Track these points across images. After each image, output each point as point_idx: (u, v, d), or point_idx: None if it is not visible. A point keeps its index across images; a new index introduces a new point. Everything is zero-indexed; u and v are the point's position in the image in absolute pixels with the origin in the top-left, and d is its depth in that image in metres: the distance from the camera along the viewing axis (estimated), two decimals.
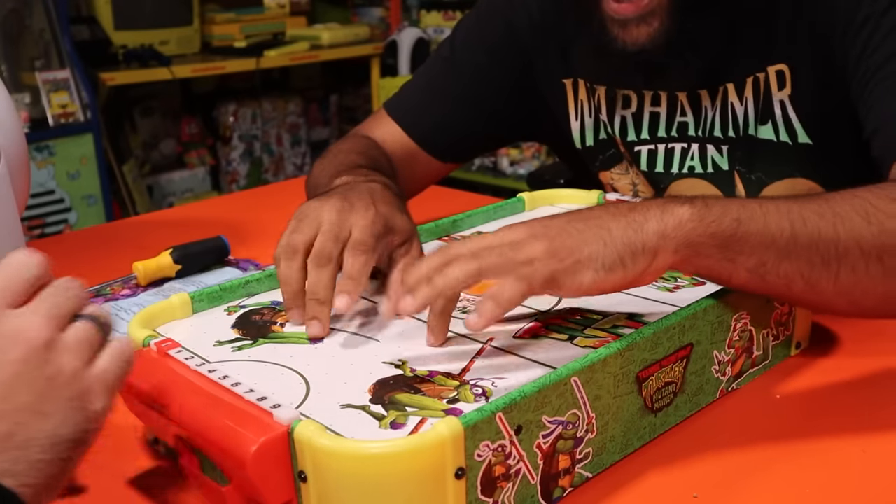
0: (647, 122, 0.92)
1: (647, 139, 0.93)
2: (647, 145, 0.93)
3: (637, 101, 0.92)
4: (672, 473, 0.57)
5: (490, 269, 0.56)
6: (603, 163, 0.98)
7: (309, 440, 0.46)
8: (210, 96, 3.52)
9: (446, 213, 0.87)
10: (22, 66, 2.66)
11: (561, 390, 0.51)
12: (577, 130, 0.98)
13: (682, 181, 0.92)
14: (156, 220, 1.32)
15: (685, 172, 0.91)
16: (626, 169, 0.97)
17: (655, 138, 0.92)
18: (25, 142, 0.94)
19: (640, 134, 0.93)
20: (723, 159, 0.89)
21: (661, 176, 0.93)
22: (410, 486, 0.46)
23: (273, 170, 3.62)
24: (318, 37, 3.39)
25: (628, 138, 0.94)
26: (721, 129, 0.88)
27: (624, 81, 0.92)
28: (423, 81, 1.03)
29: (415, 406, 0.52)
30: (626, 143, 0.94)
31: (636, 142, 0.93)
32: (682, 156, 0.91)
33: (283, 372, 0.57)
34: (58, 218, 2.62)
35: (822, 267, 0.59)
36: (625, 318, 0.63)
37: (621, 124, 0.94)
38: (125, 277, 0.95)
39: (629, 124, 0.93)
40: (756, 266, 0.59)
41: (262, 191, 1.50)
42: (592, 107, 0.96)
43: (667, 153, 0.92)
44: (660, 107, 0.91)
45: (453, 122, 1.00)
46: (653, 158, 0.93)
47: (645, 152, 0.93)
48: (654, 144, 0.92)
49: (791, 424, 0.62)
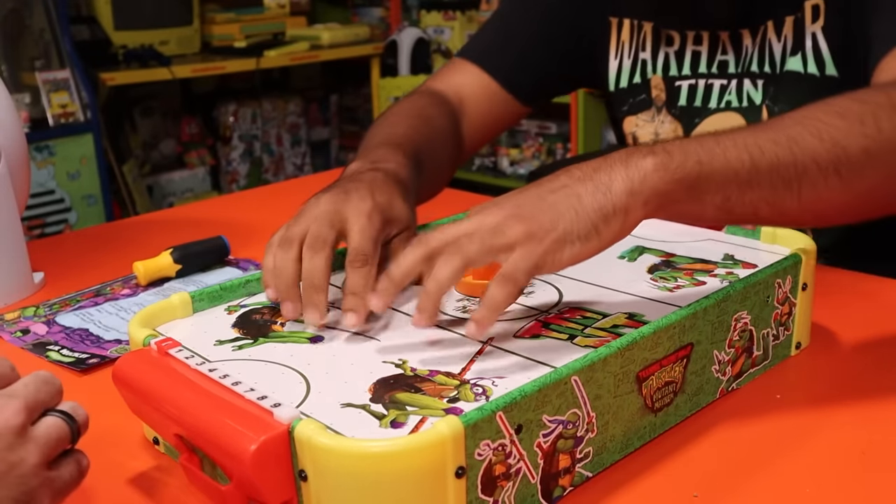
0: (689, 60, 0.97)
1: (688, 75, 0.97)
2: (688, 80, 0.97)
3: (680, 40, 0.97)
4: (672, 473, 0.57)
5: (474, 261, 0.57)
6: (632, 107, 1.02)
7: (309, 439, 0.46)
8: (210, 96, 3.52)
9: (446, 213, 0.87)
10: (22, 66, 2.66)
11: (561, 390, 0.51)
12: (615, 71, 1.02)
13: (717, 115, 0.96)
14: (156, 220, 1.32)
15: (722, 107, 0.96)
16: (652, 116, 1.01)
17: (696, 74, 0.97)
18: (25, 142, 0.94)
19: (681, 70, 0.97)
20: (757, 93, 0.93)
21: (698, 110, 0.97)
22: (411, 485, 0.46)
23: (273, 170, 3.62)
24: (318, 37, 3.40)
25: (670, 73, 0.98)
26: (758, 64, 0.92)
27: (669, 21, 0.97)
28: (498, 24, 1.07)
29: (415, 405, 0.52)
30: (667, 78, 0.98)
31: (677, 77, 0.98)
32: (720, 91, 0.95)
33: (284, 371, 0.57)
34: (58, 218, 2.62)
35: (784, 189, 0.61)
36: (625, 318, 0.63)
37: (664, 61, 0.99)
38: (125, 277, 0.95)
39: (672, 61, 0.98)
40: (722, 201, 0.61)
41: (262, 191, 1.50)
42: (634, 46, 1.00)
43: (706, 89, 0.96)
44: (701, 45, 0.96)
45: (532, 61, 1.04)
46: (692, 93, 0.97)
47: (685, 87, 0.98)
48: (695, 80, 0.97)
49: (791, 424, 0.62)
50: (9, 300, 0.91)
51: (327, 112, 3.98)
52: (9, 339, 0.81)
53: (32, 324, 0.84)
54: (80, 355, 0.76)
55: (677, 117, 0.99)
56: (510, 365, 0.57)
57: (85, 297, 0.90)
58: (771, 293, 0.67)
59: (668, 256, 0.75)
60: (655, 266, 0.73)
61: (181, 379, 0.54)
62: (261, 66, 3.20)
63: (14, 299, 0.91)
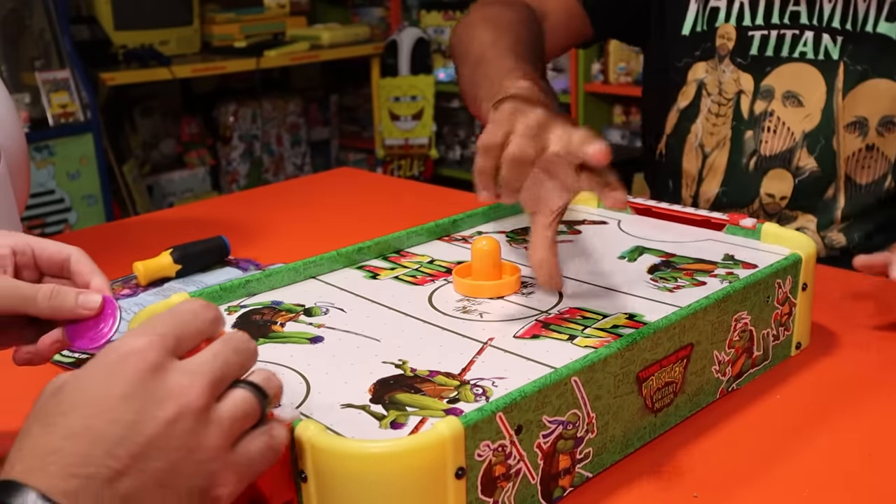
0: (763, 9, 1.00)
1: (761, 25, 1.00)
2: (761, 31, 1.00)
3: None
4: (672, 473, 0.57)
5: None
6: (703, 53, 1.04)
7: (309, 440, 0.46)
8: (210, 96, 3.52)
9: (446, 213, 0.87)
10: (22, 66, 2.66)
11: (561, 390, 0.51)
12: (693, 14, 1.04)
13: (788, 65, 0.99)
14: (156, 220, 1.32)
15: (796, 57, 0.98)
16: (715, 65, 1.03)
17: (769, 24, 1.00)
18: (26, 142, 0.94)
19: (755, 19, 1.00)
20: (835, 49, 0.96)
21: (770, 60, 1.00)
22: (411, 486, 0.46)
23: (273, 170, 3.62)
24: (318, 37, 3.39)
25: (744, 23, 1.01)
26: (840, 21, 0.95)
27: None
28: None
29: (415, 406, 0.52)
30: (739, 28, 1.01)
31: (750, 27, 1.01)
32: (792, 42, 0.99)
33: (284, 371, 0.57)
34: (58, 218, 2.62)
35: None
36: (625, 318, 0.63)
37: (739, 9, 1.01)
38: (125, 277, 0.95)
39: (746, 9, 1.01)
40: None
41: (262, 191, 1.50)
42: None
43: (778, 39, 0.99)
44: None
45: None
46: (764, 43, 1.00)
47: (758, 37, 1.00)
48: (767, 30, 1.00)
49: (791, 424, 0.62)
50: None
51: (327, 112, 3.99)
52: None
53: None
54: (80, 355, 0.76)
55: (745, 67, 1.01)
56: (510, 365, 0.57)
57: None
58: (771, 293, 0.67)
59: (668, 257, 0.75)
60: (655, 266, 0.73)
61: None
62: (261, 66, 3.20)
63: None
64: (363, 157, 3.97)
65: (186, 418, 0.40)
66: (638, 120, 3.28)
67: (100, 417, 0.39)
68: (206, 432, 0.41)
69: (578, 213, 0.89)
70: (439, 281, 0.72)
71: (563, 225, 0.85)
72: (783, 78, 1.00)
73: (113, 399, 0.40)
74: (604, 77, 3.19)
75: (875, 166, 0.98)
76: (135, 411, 0.40)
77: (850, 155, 0.98)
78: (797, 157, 0.99)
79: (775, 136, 1.00)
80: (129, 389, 0.40)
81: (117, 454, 0.39)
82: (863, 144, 0.97)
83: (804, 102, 0.98)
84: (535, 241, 0.63)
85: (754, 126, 1.02)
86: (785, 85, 0.99)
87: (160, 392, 0.40)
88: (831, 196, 1.00)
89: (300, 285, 0.73)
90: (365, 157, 3.95)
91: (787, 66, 0.99)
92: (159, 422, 0.40)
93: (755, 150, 1.02)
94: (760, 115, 1.01)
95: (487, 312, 0.65)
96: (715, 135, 1.05)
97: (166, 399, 0.40)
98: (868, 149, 0.97)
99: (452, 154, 3.91)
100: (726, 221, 0.79)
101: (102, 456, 0.38)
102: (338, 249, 0.76)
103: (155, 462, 0.39)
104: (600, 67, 3.20)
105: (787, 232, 0.75)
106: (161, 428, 0.40)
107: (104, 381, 0.41)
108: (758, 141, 1.02)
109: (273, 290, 0.72)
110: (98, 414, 0.39)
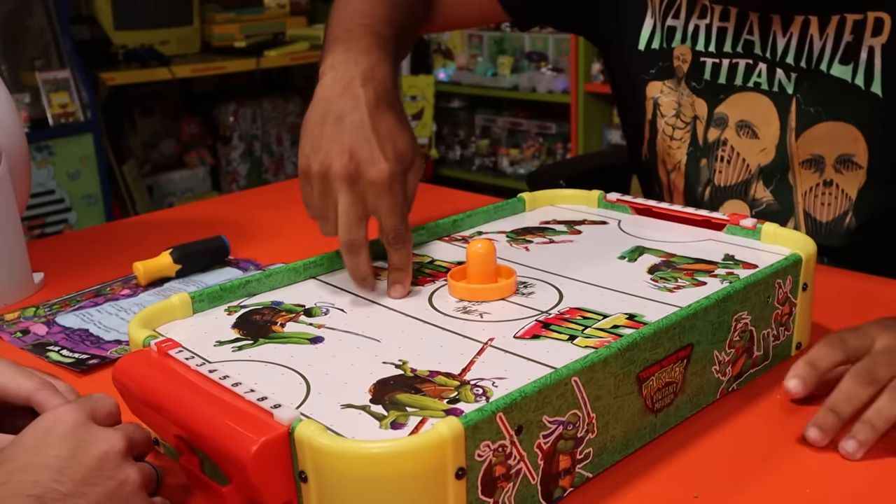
0: (716, 36, 0.95)
1: (713, 52, 0.96)
2: (713, 58, 0.96)
3: (710, 13, 0.95)
4: (672, 474, 0.57)
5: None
6: (659, 72, 1.00)
7: (309, 440, 0.46)
8: (210, 96, 3.52)
9: (446, 213, 0.87)
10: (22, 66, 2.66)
11: (561, 390, 0.51)
12: (648, 30, 1.00)
13: (743, 94, 0.95)
14: (156, 220, 1.32)
15: (750, 86, 0.94)
16: (675, 85, 0.99)
17: (721, 53, 0.95)
18: (26, 141, 0.94)
19: (707, 45, 0.96)
20: (789, 84, 0.91)
21: (723, 87, 0.96)
22: (411, 486, 0.46)
23: (273, 170, 3.62)
24: (318, 37, 3.40)
25: (697, 47, 0.96)
26: (794, 58, 0.90)
27: None
28: None
29: (415, 406, 0.52)
30: (694, 51, 0.97)
31: (703, 52, 0.96)
32: (746, 71, 0.94)
33: (284, 372, 0.57)
34: (58, 218, 2.62)
35: None
36: (625, 319, 0.63)
37: (694, 32, 0.97)
38: (125, 277, 0.95)
39: (700, 33, 0.96)
40: None
41: (262, 191, 1.50)
42: (663, 10, 0.99)
43: (731, 67, 0.95)
44: (728, 22, 0.94)
45: None
46: (716, 70, 0.96)
47: (709, 64, 0.96)
48: (719, 59, 0.95)
49: (791, 425, 0.62)
50: (9, 300, 0.91)
51: None
52: (9, 340, 0.81)
53: (32, 324, 0.84)
54: (80, 356, 0.76)
55: (699, 92, 0.97)
56: (510, 366, 0.57)
57: (85, 297, 0.90)
58: (771, 293, 0.67)
59: (668, 257, 0.75)
60: (655, 266, 0.73)
61: (181, 380, 0.54)
62: (261, 66, 3.20)
63: (14, 299, 0.91)
64: None
65: (114, 456, 0.49)
66: None
67: (41, 455, 0.47)
68: (130, 470, 0.49)
69: (579, 213, 0.89)
70: (439, 281, 0.72)
71: (564, 225, 0.85)
72: (737, 107, 0.95)
73: (52, 441, 0.48)
74: (604, 77, 3.19)
75: (835, 203, 0.92)
76: (70, 448, 0.48)
77: (807, 190, 0.93)
78: (753, 190, 0.96)
79: (729, 166, 0.96)
80: (64, 431, 0.48)
81: (62, 480, 0.46)
82: (820, 180, 0.92)
83: (759, 134, 0.94)
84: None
85: (708, 154, 0.98)
86: (739, 114, 0.95)
87: (90, 436, 0.49)
88: None
89: (300, 285, 0.73)
90: None
91: (740, 95, 0.95)
92: (92, 456, 0.48)
93: (709, 179, 0.98)
94: (713, 144, 0.97)
95: (488, 313, 0.65)
96: (671, 157, 1.01)
97: (94, 441, 0.49)
98: (826, 184, 0.92)
99: (452, 154, 3.91)
100: (727, 221, 0.79)
101: (49, 481, 0.46)
102: (338, 249, 0.76)
103: (93, 487, 0.47)
104: (600, 67, 3.20)
105: (788, 232, 0.75)
106: (95, 461, 0.48)
107: (40, 432, 0.48)
108: (711, 170, 0.98)
109: (273, 291, 0.72)
110: (39, 452, 0.47)
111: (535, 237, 0.82)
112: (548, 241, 0.81)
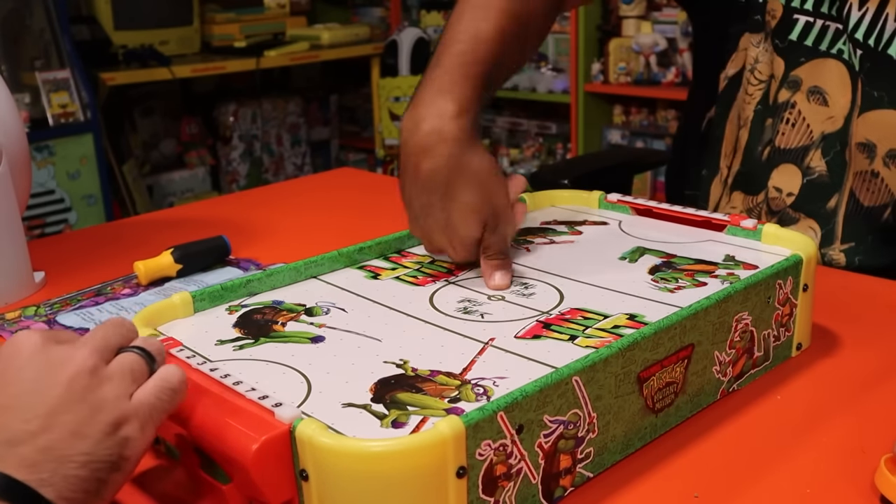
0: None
1: (809, 10, 0.93)
2: (807, 16, 0.94)
3: None
4: (672, 473, 0.57)
5: None
6: (752, 25, 0.99)
7: (310, 439, 0.46)
8: (210, 96, 3.52)
9: None
10: (22, 66, 2.66)
11: (562, 390, 0.51)
12: None
13: (825, 60, 0.93)
14: (156, 220, 1.32)
15: (833, 53, 0.92)
16: (759, 41, 0.98)
17: (818, 12, 0.93)
18: (26, 141, 0.94)
19: (804, 2, 0.94)
20: (855, 60, 0.90)
21: (806, 50, 0.94)
22: (412, 485, 0.46)
23: (273, 170, 3.62)
24: (318, 37, 3.40)
25: (792, 3, 0.94)
26: (864, 34, 0.89)
27: None
28: None
29: (416, 405, 0.52)
30: (787, 7, 0.95)
31: (798, 9, 0.94)
32: (834, 36, 0.92)
33: (285, 371, 0.57)
34: (58, 218, 2.62)
35: None
36: (626, 319, 0.63)
37: None
38: (126, 277, 0.95)
39: None
40: None
41: (262, 191, 1.50)
42: None
43: (821, 29, 0.93)
44: None
45: None
46: (807, 31, 0.94)
47: (801, 23, 0.94)
48: (814, 18, 0.93)
49: (791, 425, 0.62)
50: (9, 300, 0.91)
51: (327, 112, 3.99)
52: None
53: (33, 323, 0.84)
54: None
55: (781, 51, 0.95)
56: (511, 365, 0.57)
57: (85, 296, 0.90)
58: (772, 294, 0.67)
59: (668, 257, 0.75)
60: (656, 267, 0.73)
61: None
62: (261, 66, 3.20)
63: (15, 299, 0.91)
64: (363, 157, 3.97)
65: (81, 377, 0.46)
66: (638, 120, 3.28)
67: (3, 393, 0.45)
68: (101, 388, 0.46)
69: (579, 213, 0.89)
70: (440, 281, 0.72)
71: (564, 225, 0.85)
72: (813, 73, 0.94)
73: (10, 377, 0.45)
74: (604, 77, 3.20)
75: (878, 193, 0.93)
76: (31, 381, 0.45)
77: (857, 171, 0.93)
78: (809, 157, 0.96)
79: (793, 130, 0.96)
80: (21, 364, 0.46)
81: (28, 418, 0.44)
82: (869, 168, 0.93)
83: (829, 103, 0.93)
84: None
85: (774, 115, 0.98)
86: (813, 80, 0.94)
87: (52, 361, 0.46)
88: (833, 206, 0.96)
89: (301, 285, 0.73)
90: (365, 157, 3.95)
91: (822, 62, 0.93)
92: (58, 384, 0.45)
93: (771, 139, 0.98)
94: (782, 105, 0.97)
95: (489, 313, 0.65)
96: (744, 111, 1.01)
97: (58, 365, 0.46)
98: (873, 175, 0.92)
99: None
100: (727, 222, 0.79)
101: (15, 421, 0.43)
102: (339, 249, 0.76)
103: (63, 416, 0.44)
104: (600, 67, 3.20)
105: (788, 233, 0.75)
106: (62, 389, 0.45)
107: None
108: (775, 131, 0.98)
109: (274, 290, 0.72)
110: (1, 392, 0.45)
111: (535, 237, 0.82)
112: (548, 241, 0.81)
